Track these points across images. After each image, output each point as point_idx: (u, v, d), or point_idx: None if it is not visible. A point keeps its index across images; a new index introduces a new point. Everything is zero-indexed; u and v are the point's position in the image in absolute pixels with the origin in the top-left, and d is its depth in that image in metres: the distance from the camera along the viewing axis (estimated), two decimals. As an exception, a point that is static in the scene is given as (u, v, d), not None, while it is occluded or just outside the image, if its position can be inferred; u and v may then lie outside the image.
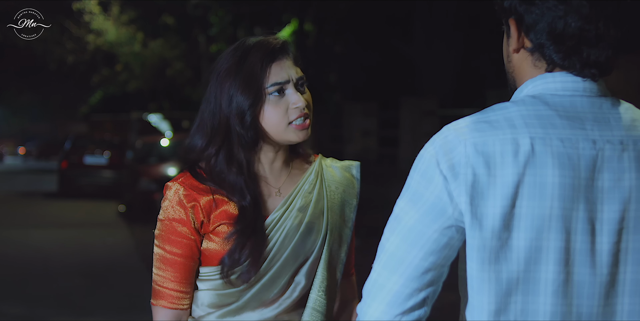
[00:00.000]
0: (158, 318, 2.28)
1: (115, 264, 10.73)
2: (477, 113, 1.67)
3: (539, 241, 1.58)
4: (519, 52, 1.70)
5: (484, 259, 1.59)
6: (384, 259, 1.65)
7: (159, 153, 17.77)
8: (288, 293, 2.28)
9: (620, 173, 1.62)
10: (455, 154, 1.60)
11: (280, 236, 2.26)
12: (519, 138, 1.59)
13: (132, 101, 34.28)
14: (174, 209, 2.24)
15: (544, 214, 1.58)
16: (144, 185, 16.00)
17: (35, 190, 24.22)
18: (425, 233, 1.61)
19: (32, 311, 8.07)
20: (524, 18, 1.66)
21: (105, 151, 21.62)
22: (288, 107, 2.26)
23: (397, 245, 1.63)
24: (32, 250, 12.10)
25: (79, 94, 44.20)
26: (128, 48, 29.36)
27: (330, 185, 2.37)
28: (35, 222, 15.90)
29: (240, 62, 2.25)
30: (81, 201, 20.15)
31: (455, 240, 1.62)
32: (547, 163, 1.58)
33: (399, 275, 1.63)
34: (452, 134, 1.63)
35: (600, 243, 1.61)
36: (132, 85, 30.61)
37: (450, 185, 1.60)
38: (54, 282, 9.52)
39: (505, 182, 1.58)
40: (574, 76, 1.67)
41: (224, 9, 20.94)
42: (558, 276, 1.59)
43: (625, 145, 1.63)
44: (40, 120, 60.67)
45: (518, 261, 1.59)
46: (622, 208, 1.61)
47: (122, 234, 13.86)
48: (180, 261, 2.25)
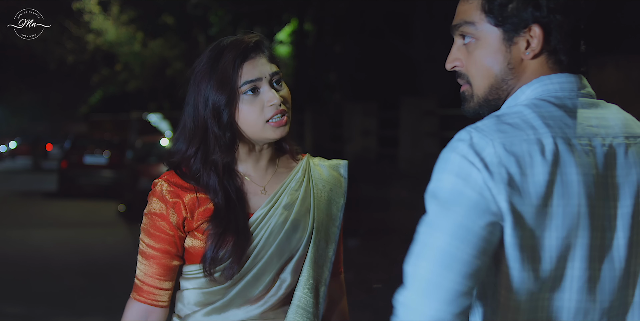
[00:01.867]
0: (127, 310, 2.32)
1: (116, 263, 10.72)
2: (490, 117, 1.67)
3: (569, 239, 1.61)
4: (535, 58, 1.71)
5: (523, 258, 1.59)
6: (434, 255, 1.58)
7: (158, 152, 17.77)
8: (273, 291, 2.28)
9: (627, 169, 1.66)
10: (487, 154, 1.60)
11: (264, 233, 2.26)
12: (543, 139, 1.61)
13: (131, 101, 34.28)
14: (156, 204, 2.28)
15: (573, 212, 1.60)
16: (144, 184, 15.98)
17: (35, 189, 24.21)
18: (472, 229, 1.58)
19: (32, 311, 8.06)
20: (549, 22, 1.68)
21: (105, 151, 21.60)
22: (264, 105, 2.25)
23: (447, 242, 1.58)
24: (32, 249, 12.09)
25: (79, 94, 44.19)
26: (128, 48, 29.34)
27: (317, 183, 2.37)
28: (35, 221, 15.88)
29: (214, 63, 2.26)
30: (81, 201, 20.13)
31: (496, 238, 1.60)
32: (570, 162, 1.61)
33: (455, 273, 1.57)
34: (476, 136, 1.62)
35: (617, 239, 1.65)
36: (132, 85, 30.60)
37: (489, 183, 1.58)
38: (54, 282, 9.52)
39: (536, 182, 1.59)
40: (567, 76, 1.70)
41: (223, 9, 20.93)
42: (584, 274, 1.62)
43: (628, 141, 1.68)
44: (39, 119, 60.64)
45: (551, 261, 1.60)
46: (632, 202, 1.66)
47: (122, 234, 13.85)
48: (158, 256, 2.28)
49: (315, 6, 19.44)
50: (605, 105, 1.73)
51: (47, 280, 9.63)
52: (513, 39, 1.70)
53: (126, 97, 34.65)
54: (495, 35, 1.71)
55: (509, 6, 1.69)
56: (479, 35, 1.73)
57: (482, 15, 1.72)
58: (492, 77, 1.73)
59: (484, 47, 1.73)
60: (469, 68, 1.75)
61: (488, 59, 1.73)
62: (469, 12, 1.74)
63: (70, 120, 53.98)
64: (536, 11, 1.68)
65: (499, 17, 1.70)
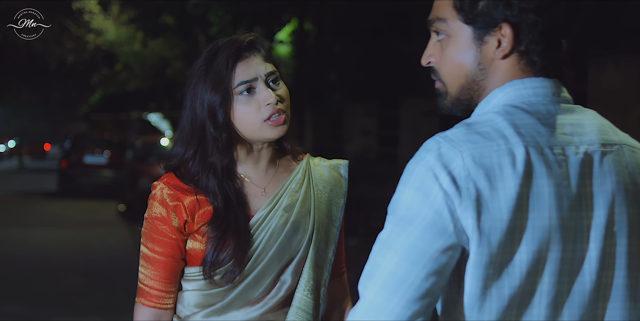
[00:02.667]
0: (137, 316, 2.31)
1: (115, 263, 10.73)
2: (461, 125, 1.61)
3: (540, 253, 1.54)
4: (506, 58, 1.65)
5: (488, 276, 1.53)
6: (382, 278, 1.54)
7: (158, 152, 17.76)
8: (273, 293, 2.27)
9: (602, 178, 1.60)
10: (455, 167, 1.53)
11: (265, 235, 2.25)
12: (514, 149, 1.55)
13: (132, 100, 34.29)
14: (157, 207, 2.26)
15: (544, 225, 1.54)
16: (144, 184, 15.98)
17: (35, 189, 24.21)
18: (427, 251, 1.52)
19: (32, 311, 8.06)
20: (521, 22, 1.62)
21: (105, 150, 21.60)
22: (260, 104, 2.23)
23: (396, 264, 1.53)
24: (32, 249, 12.09)
25: (79, 94, 44.18)
26: (128, 47, 29.32)
27: (317, 184, 2.36)
28: (35, 221, 15.88)
29: (209, 64, 2.25)
30: (81, 200, 20.13)
31: (454, 260, 1.54)
32: (542, 173, 1.55)
33: (400, 296, 1.52)
34: (445, 146, 1.56)
35: (590, 250, 1.58)
36: (132, 85, 30.58)
37: (454, 200, 1.52)
38: (54, 281, 9.52)
39: (507, 195, 1.52)
40: (541, 80, 1.64)
41: (223, 9, 20.92)
42: (553, 288, 1.56)
43: (604, 148, 1.62)
44: (39, 119, 60.62)
45: (521, 276, 1.54)
46: (607, 212, 1.59)
47: (122, 233, 13.85)
48: (162, 260, 2.27)
49: (315, 6, 19.43)
50: (581, 111, 1.67)
51: (47, 279, 9.63)
52: (483, 38, 1.64)
53: (126, 96, 34.65)
54: (466, 33, 1.66)
55: (479, 4, 1.64)
56: (451, 32, 1.68)
57: (454, 12, 1.67)
58: (462, 76, 1.68)
59: (455, 45, 1.67)
60: (441, 65, 1.70)
61: (459, 57, 1.67)
62: (442, 8, 1.69)
63: (71, 120, 53.94)
64: (507, 10, 1.62)
65: (469, 15, 1.64)
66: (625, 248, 1.61)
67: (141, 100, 33.41)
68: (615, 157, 1.62)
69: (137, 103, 33.38)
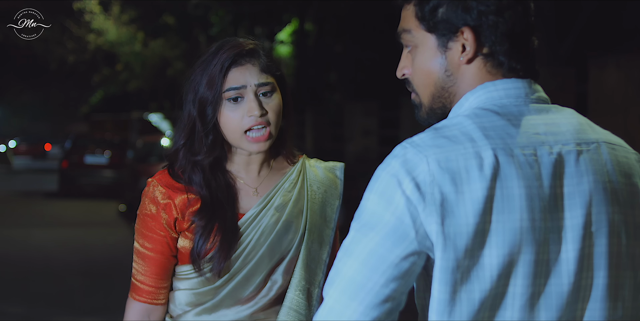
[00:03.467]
0: (128, 310, 2.34)
1: (116, 263, 10.72)
2: (429, 130, 1.61)
3: (511, 256, 1.52)
4: (471, 62, 1.64)
5: (456, 280, 1.51)
6: (342, 284, 1.53)
7: (159, 152, 17.76)
8: (264, 292, 2.28)
9: (579, 178, 1.57)
10: (419, 173, 1.52)
11: (255, 234, 2.26)
12: (481, 152, 1.53)
13: (132, 101, 34.31)
14: (147, 205, 2.31)
15: (515, 228, 1.52)
16: (145, 184, 15.97)
17: (36, 189, 24.22)
18: (386, 258, 1.51)
19: (33, 311, 8.07)
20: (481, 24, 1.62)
21: (106, 151, 21.60)
22: (244, 114, 2.23)
23: (356, 270, 1.52)
24: (32, 249, 12.10)
25: (80, 94, 44.21)
26: (129, 47, 29.36)
27: (312, 184, 2.36)
28: (35, 221, 15.89)
29: (209, 63, 2.26)
30: (82, 200, 20.14)
31: (417, 267, 1.53)
32: (512, 174, 1.53)
33: (358, 302, 1.52)
34: (410, 152, 1.55)
35: (566, 252, 1.56)
36: (133, 85, 30.61)
37: (417, 207, 1.51)
38: (54, 281, 9.52)
39: (474, 198, 1.51)
40: (514, 81, 1.63)
41: (224, 9, 20.93)
42: (527, 290, 1.53)
43: (580, 147, 1.60)
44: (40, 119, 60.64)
45: (491, 280, 1.52)
46: (584, 212, 1.57)
47: (123, 233, 13.84)
48: (152, 256, 2.30)
49: (315, 6, 19.44)
50: (558, 110, 1.65)
51: (48, 279, 9.63)
52: (447, 45, 1.64)
53: (127, 97, 34.67)
54: (431, 41, 1.65)
55: (439, 11, 1.63)
56: (417, 42, 1.67)
57: (417, 22, 1.66)
58: (432, 85, 1.68)
59: (422, 54, 1.67)
60: (413, 76, 1.70)
61: (426, 65, 1.67)
62: (407, 19, 1.69)
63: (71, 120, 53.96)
64: (466, 14, 1.61)
65: (430, 23, 1.64)
66: (605, 247, 1.59)
67: (142, 101, 33.43)
68: (593, 155, 1.60)
69: (137, 103, 33.39)
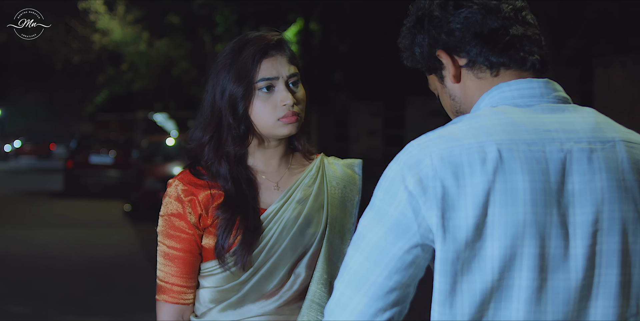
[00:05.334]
0: (161, 313, 2.34)
1: (121, 263, 10.73)
2: (438, 129, 1.66)
3: (513, 248, 1.54)
4: (459, 80, 1.71)
5: (456, 271, 1.55)
6: (347, 277, 1.60)
7: (164, 152, 17.79)
8: (288, 286, 2.31)
9: (591, 175, 1.59)
10: (422, 168, 1.57)
11: (278, 228, 2.30)
12: (485, 146, 1.57)
13: (137, 100, 34.33)
14: (172, 204, 2.31)
15: (517, 221, 1.54)
16: (150, 184, 16.00)
17: (41, 189, 24.25)
18: (389, 251, 1.57)
19: (37, 310, 8.08)
20: (449, 42, 1.68)
21: (111, 150, 21.62)
22: (277, 104, 2.29)
23: (360, 263, 1.59)
24: (37, 249, 12.11)
25: (85, 93, 44.26)
26: (134, 47, 29.36)
27: (331, 180, 2.40)
28: (40, 221, 15.91)
29: (236, 55, 2.31)
30: (87, 200, 20.16)
31: (421, 259, 1.58)
32: (516, 169, 1.55)
33: (362, 294, 1.58)
34: (416, 149, 1.60)
35: (575, 248, 1.57)
36: (138, 85, 30.62)
37: (418, 200, 1.56)
38: (59, 281, 9.53)
39: (475, 191, 1.54)
40: (528, 81, 1.66)
41: (229, 9, 20.95)
42: (532, 283, 1.55)
43: (594, 145, 1.61)
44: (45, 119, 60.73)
45: (493, 271, 1.55)
46: (595, 210, 1.58)
47: (128, 233, 13.86)
48: (181, 256, 2.31)
49: (321, 6, 19.44)
50: (575, 109, 1.66)
51: (52, 279, 9.64)
52: (442, 74, 1.72)
53: (132, 96, 34.69)
54: (436, 81, 1.76)
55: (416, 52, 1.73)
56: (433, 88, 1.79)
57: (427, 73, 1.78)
58: (451, 113, 1.79)
59: (440, 96, 1.78)
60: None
61: (443, 102, 1.78)
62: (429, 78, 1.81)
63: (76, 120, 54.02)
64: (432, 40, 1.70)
65: (423, 67, 1.75)
66: (618, 245, 1.60)
67: (147, 100, 33.45)
68: (608, 153, 1.62)
69: (142, 103, 33.41)
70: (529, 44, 1.67)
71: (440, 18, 1.68)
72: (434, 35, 1.69)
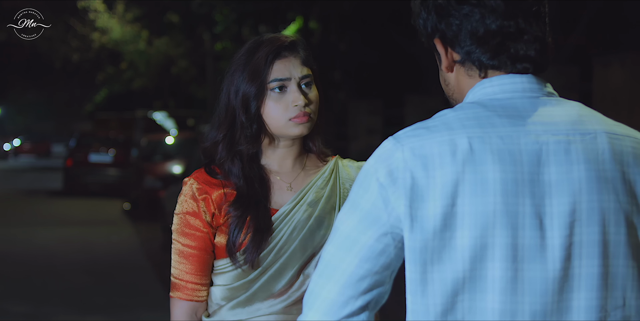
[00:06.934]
0: (175, 310, 2.39)
1: (120, 262, 10.74)
2: (416, 124, 1.68)
3: (484, 238, 1.56)
4: (452, 70, 1.72)
5: (426, 261, 1.57)
6: (320, 267, 1.65)
7: (164, 151, 17.80)
8: (297, 286, 2.34)
9: (568, 166, 1.60)
10: (393, 160, 1.60)
11: (288, 229, 2.33)
12: (457, 139, 1.59)
13: (137, 99, 34.33)
14: (188, 203, 2.36)
15: (487, 211, 1.56)
16: (149, 183, 16.02)
17: (40, 188, 24.25)
18: (359, 239, 1.61)
19: (37, 309, 8.09)
20: (446, 33, 1.68)
21: (110, 149, 21.64)
22: (289, 104, 2.34)
23: (332, 253, 1.63)
24: (37, 248, 12.12)
25: (84, 92, 44.24)
26: (133, 46, 29.36)
27: (344, 183, 2.44)
28: (40, 220, 15.92)
29: (250, 56, 2.36)
30: (86, 199, 20.17)
31: (391, 247, 1.61)
32: (486, 160, 1.57)
33: (333, 283, 1.62)
34: (390, 143, 1.63)
35: (552, 238, 1.58)
36: (137, 83, 30.61)
37: (387, 190, 1.59)
38: (58, 280, 9.54)
39: (444, 182, 1.57)
40: (511, 77, 1.67)
41: (228, 7, 20.93)
42: (505, 273, 1.56)
43: (572, 137, 1.62)
44: (45, 118, 60.71)
45: (463, 260, 1.56)
46: (572, 200, 1.59)
47: (127, 232, 13.87)
48: (196, 254, 2.36)
49: (320, 5, 19.44)
50: (559, 103, 1.67)
51: (52, 278, 9.65)
52: (439, 57, 1.73)
53: (131, 95, 34.68)
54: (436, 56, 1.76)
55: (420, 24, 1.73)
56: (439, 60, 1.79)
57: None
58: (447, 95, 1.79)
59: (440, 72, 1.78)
60: None
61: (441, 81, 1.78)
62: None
63: (76, 119, 54.02)
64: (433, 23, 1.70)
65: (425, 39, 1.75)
66: (598, 236, 1.59)
67: (146, 99, 33.44)
68: (588, 145, 1.62)
69: (142, 101, 33.39)
70: (526, 47, 1.66)
71: (443, 7, 1.68)
72: (435, 21, 1.70)
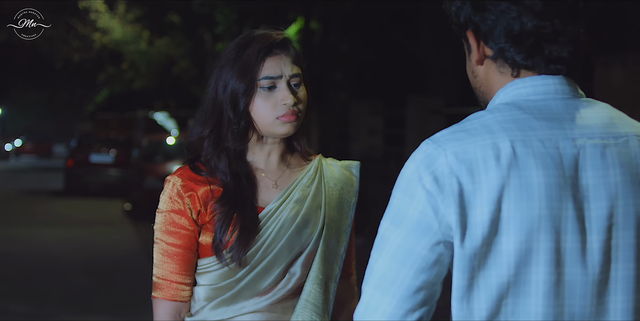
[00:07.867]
0: (158, 311, 2.33)
1: (121, 262, 10.74)
2: (452, 126, 1.66)
3: (529, 243, 1.56)
4: (482, 64, 1.70)
5: (473, 267, 1.57)
6: (375, 281, 1.62)
7: (165, 151, 17.80)
8: (282, 284, 2.31)
9: (604, 170, 1.60)
10: (438, 166, 1.59)
11: (275, 227, 2.30)
12: (499, 143, 1.58)
13: (138, 99, 34.30)
14: (172, 201, 2.31)
15: (532, 215, 1.56)
16: (150, 183, 16.02)
17: (41, 188, 24.25)
18: (413, 250, 1.59)
19: (38, 309, 8.08)
20: (481, 27, 1.66)
21: (111, 149, 21.63)
22: (277, 102, 2.31)
23: (386, 265, 1.60)
24: (37, 248, 12.11)
25: (85, 92, 44.24)
26: (134, 46, 29.35)
27: (329, 181, 2.41)
28: (41, 220, 15.92)
29: (240, 52, 2.32)
30: (87, 199, 20.17)
31: (445, 256, 1.60)
32: (530, 164, 1.57)
33: (391, 296, 1.60)
34: (430, 147, 1.62)
35: (591, 242, 1.59)
36: (138, 84, 30.61)
37: (436, 198, 1.58)
38: (59, 280, 9.54)
39: (490, 187, 1.56)
40: (543, 78, 1.66)
41: (229, 7, 20.93)
42: (549, 278, 1.57)
43: (607, 141, 1.63)
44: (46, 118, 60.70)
45: (508, 265, 1.57)
46: (609, 204, 1.60)
47: (128, 232, 13.87)
48: (180, 253, 2.31)
49: (321, 5, 19.43)
50: (589, 104, 1.67)
51: (53, 278, 9.65)
52: (469, 48, 1.71)
53: (132, 95, 34.66)
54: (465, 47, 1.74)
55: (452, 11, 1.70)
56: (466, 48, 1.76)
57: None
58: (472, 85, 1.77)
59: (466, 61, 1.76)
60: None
61: (467, 71, 1.77)
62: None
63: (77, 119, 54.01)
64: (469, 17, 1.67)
65: (456, 28, 1.72)
66: (633, 240, 1.61)
67: (147, 99, 33.42)
68: (622, 149, 1.63)
69: (143, 102, 33.38)
70: (559, 48, 1.65)
71: (480, 0, 1.66)
72: (470, 12, 1.67)
